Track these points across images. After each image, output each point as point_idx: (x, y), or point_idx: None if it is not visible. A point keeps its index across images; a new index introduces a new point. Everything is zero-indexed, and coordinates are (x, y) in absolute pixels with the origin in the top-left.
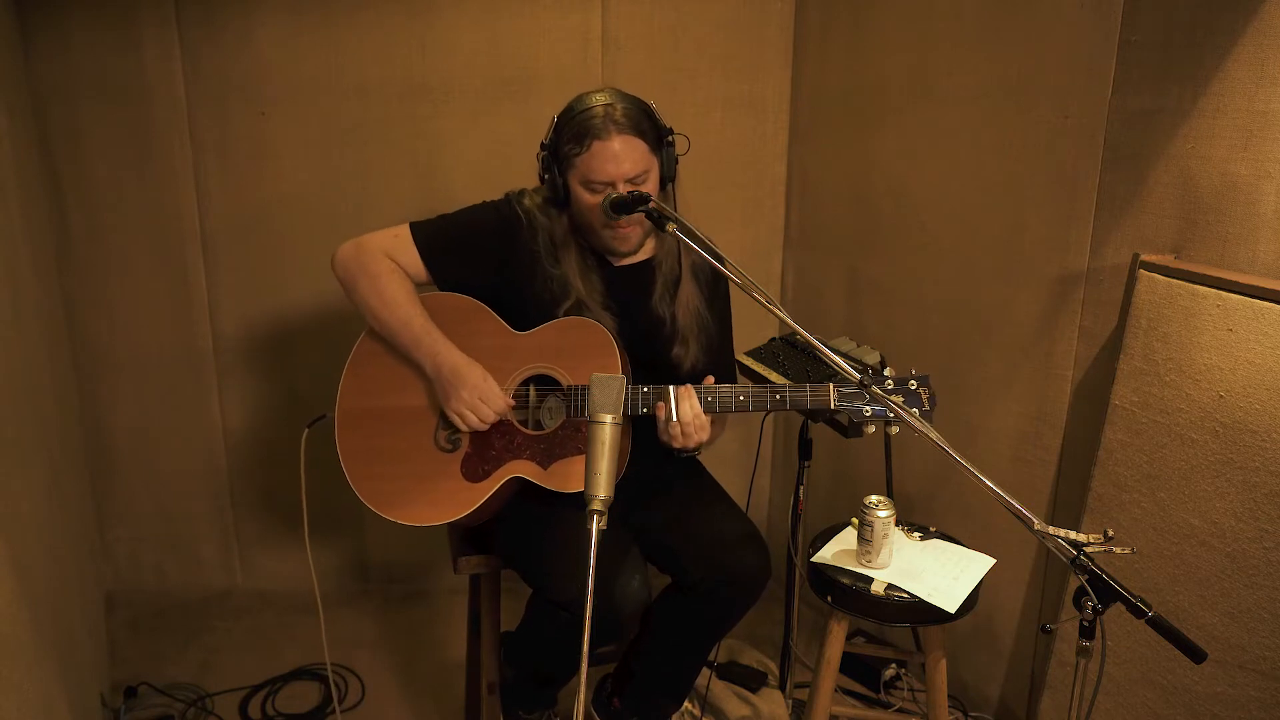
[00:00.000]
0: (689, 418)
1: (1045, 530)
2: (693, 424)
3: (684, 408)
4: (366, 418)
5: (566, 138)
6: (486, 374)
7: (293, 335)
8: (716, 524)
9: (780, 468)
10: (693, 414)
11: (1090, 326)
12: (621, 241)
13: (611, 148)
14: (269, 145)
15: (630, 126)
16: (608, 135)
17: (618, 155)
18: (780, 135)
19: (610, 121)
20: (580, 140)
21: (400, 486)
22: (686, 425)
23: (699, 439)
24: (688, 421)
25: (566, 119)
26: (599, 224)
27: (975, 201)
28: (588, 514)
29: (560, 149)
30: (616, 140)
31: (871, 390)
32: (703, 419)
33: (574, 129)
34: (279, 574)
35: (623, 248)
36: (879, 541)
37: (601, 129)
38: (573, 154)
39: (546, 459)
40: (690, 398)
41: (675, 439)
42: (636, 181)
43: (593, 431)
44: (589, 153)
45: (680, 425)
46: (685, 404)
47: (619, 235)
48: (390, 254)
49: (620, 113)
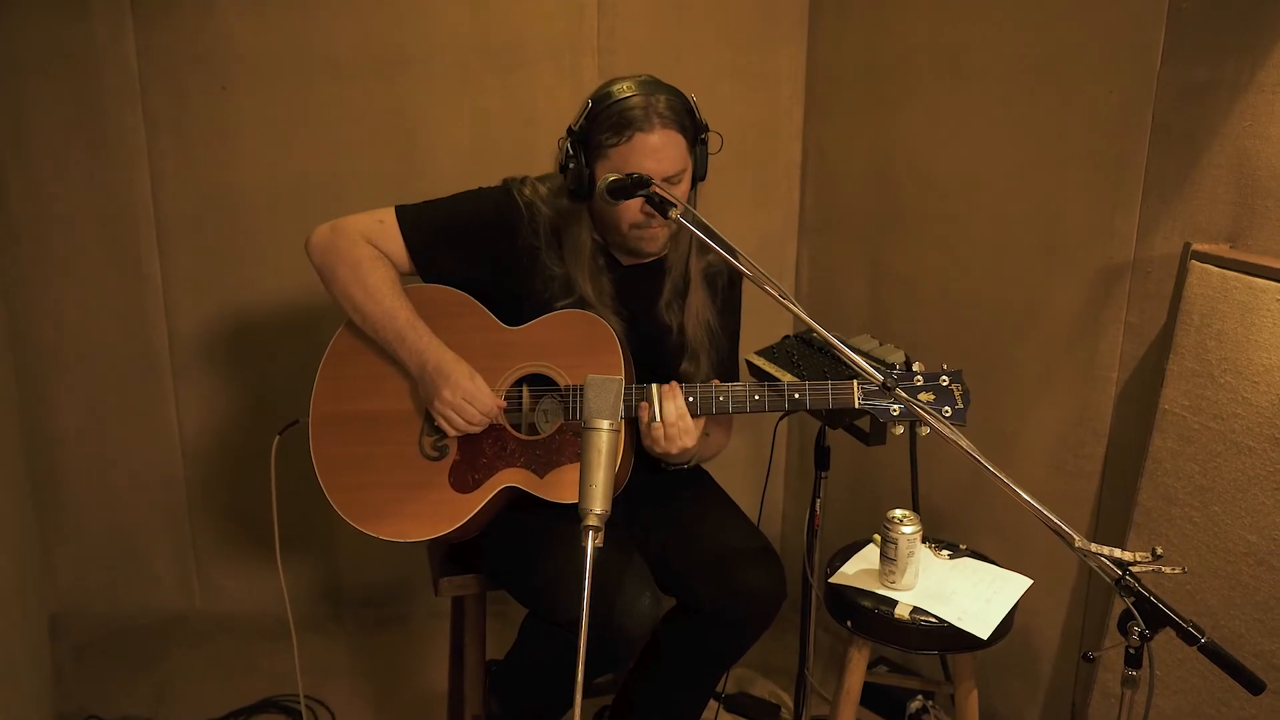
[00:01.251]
0: (673, 418)
1: (1087, 548)
2: (676, 426)
3: (668, 407)
4: (344, 422)
5: (603, 126)
6: (474, 372)
7: (260, 332)
8: (726, 539)
9: (794, 479)
10: (677, 414)
11: (1137, 323)
12: (649, 242)
13: (654, 142)
14: (232, 123)
15: (674, 121)
16: (651, 128)
17: (659, 150)
18: (795, 112)
19: (655, 113)
20: (620, 131)
21: (382, 498)
22: (670, 427)
23: (683, 444)
24: (671, 422)
25: (603, 105)
26: (627, 222)
27: (1009, 186)
28: (582, 530)
29: (592, 137)
30: (659, 134)
31: (898, 394)
32: (688, 422)
33: (613, 118)
34: (242, 596)
35: (649, 249)
36: (904, 560)
37: (644, 120)
38: (608, 144)
39: (542, 466)
40: (675, 397)
41: (657, 442)
42: (672, 181)
43: (588, 439)
44: (629, 145)
45: (664, 427)
46: (669, 403)
47: (647, 235)
48: (372, 239)
49: (664, 105)
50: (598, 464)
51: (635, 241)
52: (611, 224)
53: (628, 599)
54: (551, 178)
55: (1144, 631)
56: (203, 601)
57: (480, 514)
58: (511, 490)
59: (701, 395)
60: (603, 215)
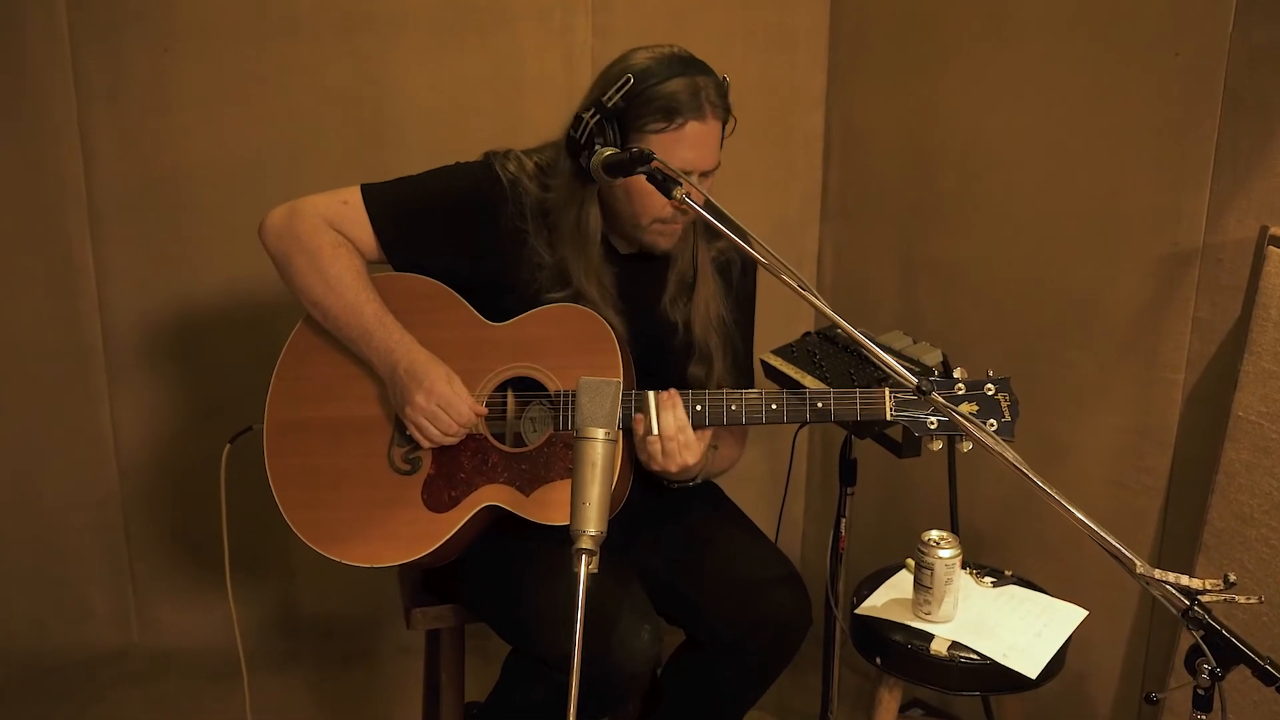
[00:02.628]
0: (671, 431)
1: (1150, 574)
2: (676, 440)
3: (665, 419)
4: (303, 430)
5: (649, 109)
6: (452, 374)
7: (208, 327)
8: (741, 560)
9: (816, 495)
10: (676, 427)
11: (1206, 318)
12: (667, 239)
13: (702, 132)
14: (175, 91)
15: (720, 110)
16: (702, 116)
17: (706, 141)
18: (816, 78)
19: (707, 102)
20: (670, 116)
21: (345, 517)
22: (668, 441)
23: (683, 461)
24: (669, 436)
25: (648, 84)
26: (650, 215)
27: (1061, 162)
28: (574, 554)
29: (631, 120)
30: (709, 124)
31: (934, 398)
32: (689, 435)
33: (662, 101)
34: (187, 629)
35: (663, 245)
36: (941, 588)
37: (698, 109)
38: (652, 129)
39: (528, 483)
40: (674, 406)
41: (654, 459)
42: (708, 176)
43: (581, 451)
44: (679, 134)
45: (661, 441)
46: (667, 414)
47: (669, 231)
48: (335, 223)
49: (714, 91)
50: (592, 479)
51: (652, 237)
52: (629, 216)
53: (625, 633)
54: (542, 151)
55: (1215, 670)
56: (142, 636)
57: (458, 536)
58: (493, 509)
59: (710, 404)
60: (618, 204)
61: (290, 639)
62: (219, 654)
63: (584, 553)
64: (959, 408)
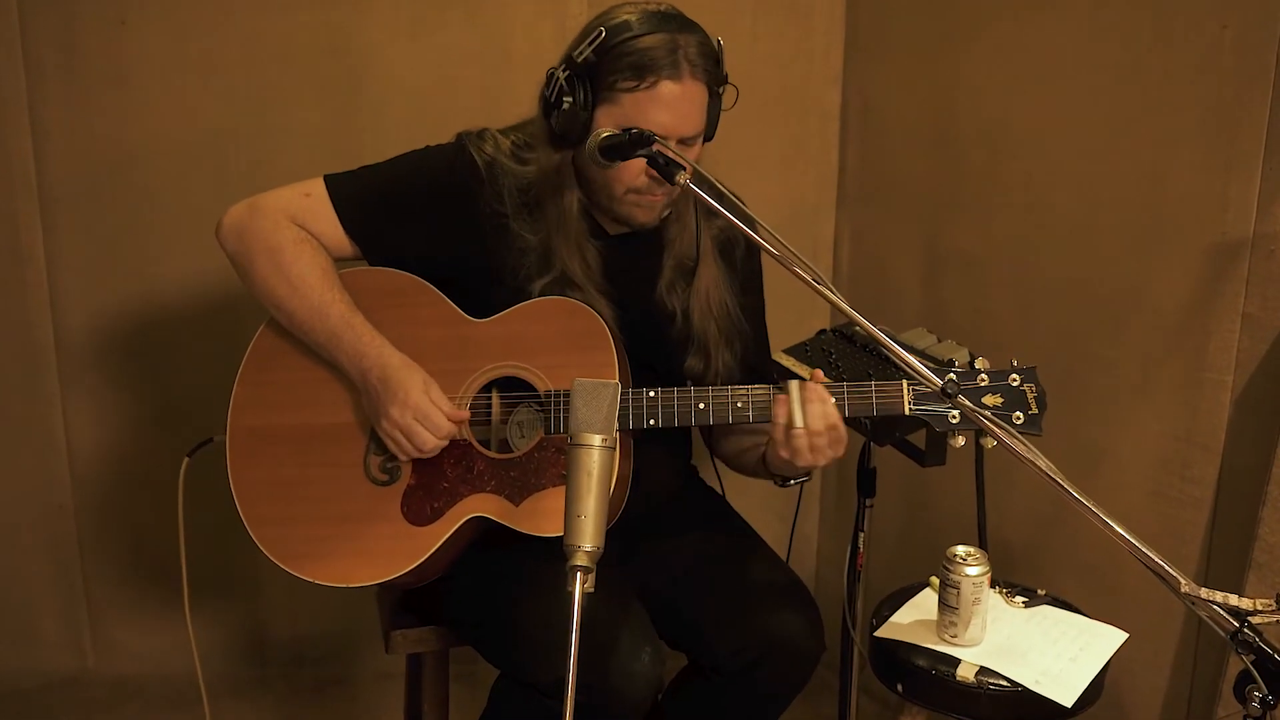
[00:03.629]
0: (821, 426)
1: (1196, 593)
2: (827, 436)
3: (814, 411)
4: (270, 439)
5: (618, 64)
6: (429, 381)
7: (167, 328)
8: (749, 578)
9: (832, 507)
10: (826, 422)
11: (1257, 314)
12: (644, 211)
13: (679, 93)
14: (132, 66)
15: (702, 71)
16: (678, 76)
17: (682, 104)
18: (833, 52)
19: (685, 60)
20: (641, 74)
21: (317, 532)
22: (818, 437)
23: (836, 454)
24: (819, 431)
25: (620, 38)
26: (623, 186)
27: (1099, 143)
28: (568, 572)
29: (602, 75)
30: (686, 85)
31: (960, 402)
32: (841, 430)
33: (632, 55)
34: (145, 654)
35: (641, 218)
36: (968, 609)
37: (673, 66)
38: (622, 88)
39: (517, 492)
40: (826, 399)
41: (801, 455)
42: (687, 144)
43: (575, 459)
44: (651, 94)
45: (809, 437)
46: (816, 406)
47: (645, 203)
48: (298, 219)
49: (695, 50)
50: (588, 490)
51: (627, 208)
52: (601, 185)
53: (624, 656)
54: (519, 128)
55: (1267, 697)
56: (97, 661)
57: (441, 551)
58: (480, 522)
59: (714, 402)
60: (591, 172)
61: (258, 665)
62: (181, 681)
63: (579, 570)
64: (981, 401)
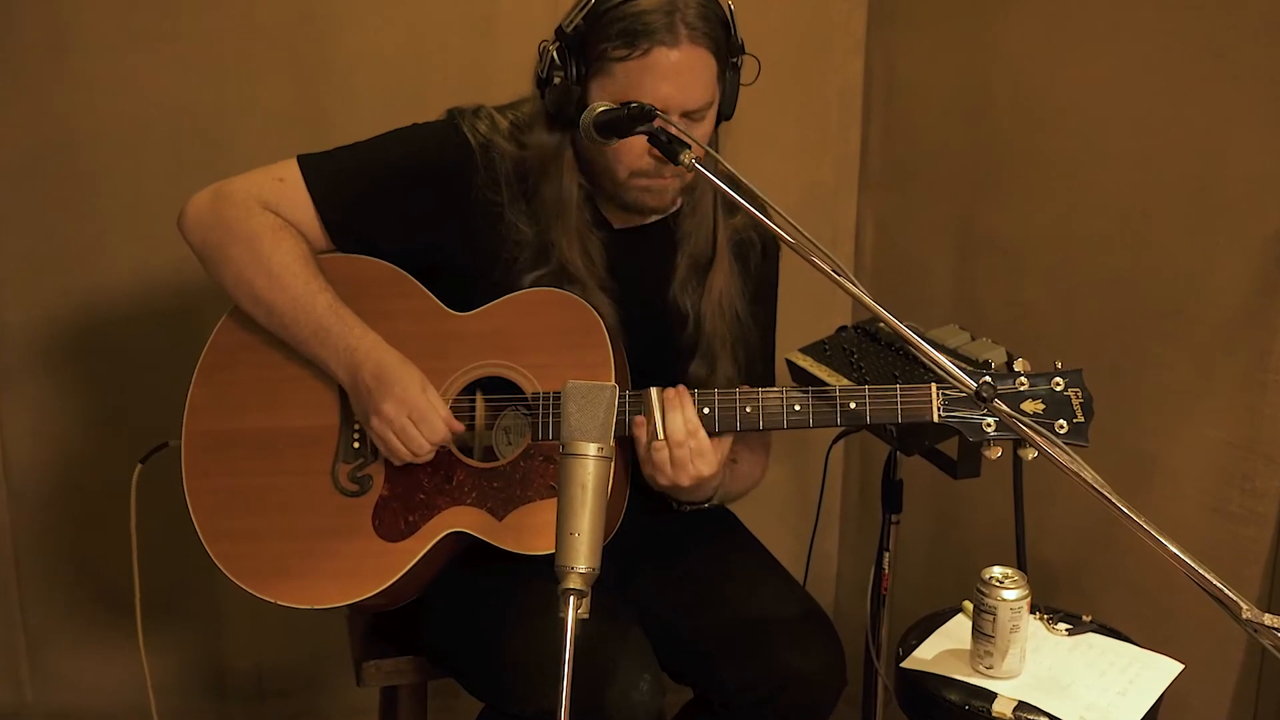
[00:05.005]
0: (681, 435)
1: (1258, 620)
2: (686, 446)
3: (673, 420)
4: (229, 445)
5: (608, 31)
6: (426, 381)
7: (115, 324)
8: (762, 603)
9: (853, 525)
10: (687, 430)
11: None
12: (653, 197)
13: (676, 61)
14: (75, 35)
15: (705, 36)
16: (675, 42)
17: (681, 73)
18: (855, 16)
19: (682, 23)
20: (632, 41)
21: (281, 548)
22: (677, 448)
23: (697, 472)
24: (678, 442)
25: (610, 2)
26: (626, 168)
27: (1152, 119)
28: (561, 596)
29: (592, 45)
30: (685, 51)
31: (996, 408)
32: (703, 440)
33: (624, 22)
34: (91, 687)
35: (651, 205)
36: (1005, 637)
37: (666, 31)
38: (614, 57)
39: (502, 505)
40: (683, 405)
41: (661, 470)
42: (693, 118)
43: (567, 469)
44: (644, 62)
45: (670, 448)
46: (675, 414)
47: (653, 188)
48: (271, 205)
49: (695, 12)
50: (581, 505)
51: (635, 195)
52: (604, 169)
53: (621, 686)
54: (518, 106)
55: None
56: (37, 695)
57: (417, 570)
58: (459, 538)
59: (721, 406)
60: (592, 155)
61: (217, 699)
62: (130, 714)
63: (573, 594)
64: (1021, 407)
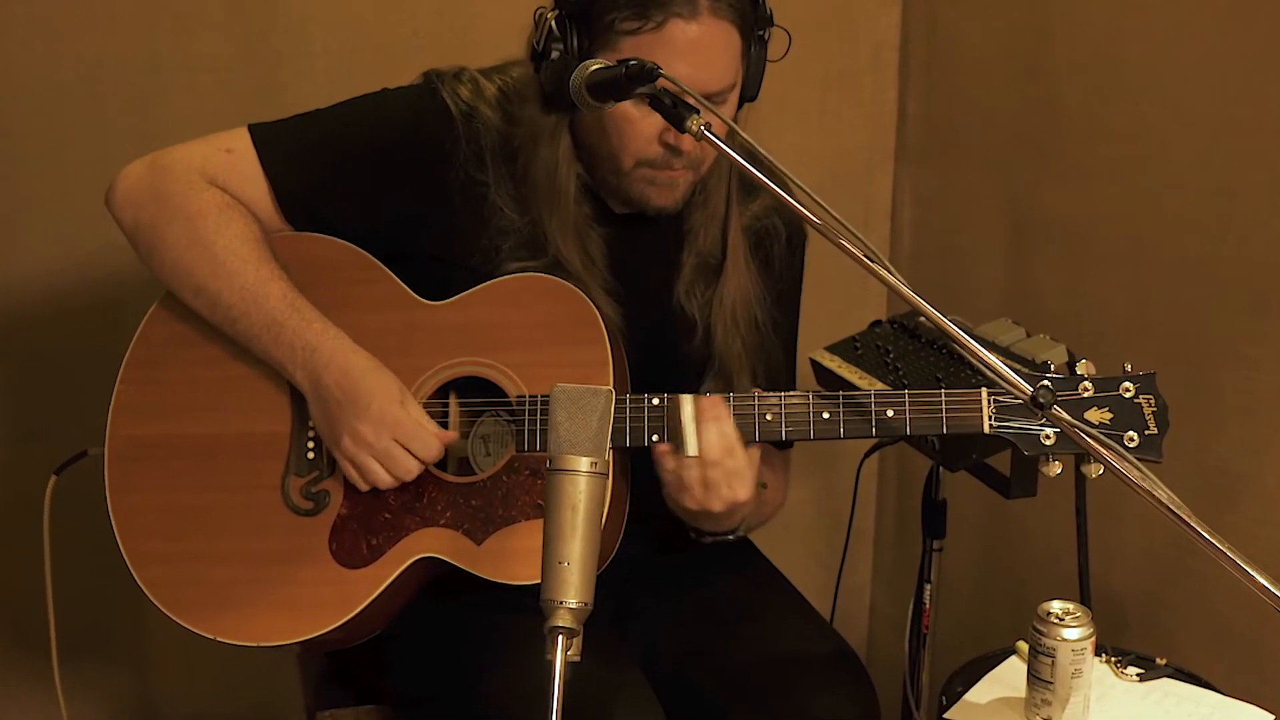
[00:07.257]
0: (716, 453)
1: None
2: (723, 466)
3: (709, 435)
4: (161, 454)
5: (619, 2)
6: (405, 392)
7: (27, 317)
8: (781, 643)
9: (889, 551)
10: (723, 447)
11: None
12: (661, 191)
13: (694, 36)
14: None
15: (727, 7)
16: (693, 13)
17: (701, 49)
18: None
19: None
20: (644, 11)
21: (220, 575)
22: (713, 468)
23: (732, 496)
24: (714, 460)
25: None
26: (633, 154)
27: (1233, 80)
28: (548, 635)
29: (599, 16)
30: (705, 24)
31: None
32: (740, 459)
33: None
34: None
35: (659, 201)
36: (1066, 682)
37: (686, 3)
38: (623, 30)
39: (480, 526)
40: (721, 417)
41: (692, 495)
42: (715, 100)
43: (556, 487)
44: (659, 36)
45: (704, 469)
46: (711, 427)
47: (662, 179)
48: (218, 180)
49: None
50: (572, 528)
51: (639, 187)
52: (606, 156)
53: None
54: (506, 70)
55: None
56: None
57: (381, 601)
58: (431, 564)
59: (736, 413)
60: (594, 141)
61: None
62: None
63: (562, 632)
64: (1084, 416)
